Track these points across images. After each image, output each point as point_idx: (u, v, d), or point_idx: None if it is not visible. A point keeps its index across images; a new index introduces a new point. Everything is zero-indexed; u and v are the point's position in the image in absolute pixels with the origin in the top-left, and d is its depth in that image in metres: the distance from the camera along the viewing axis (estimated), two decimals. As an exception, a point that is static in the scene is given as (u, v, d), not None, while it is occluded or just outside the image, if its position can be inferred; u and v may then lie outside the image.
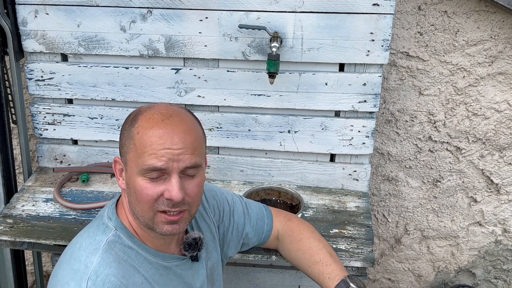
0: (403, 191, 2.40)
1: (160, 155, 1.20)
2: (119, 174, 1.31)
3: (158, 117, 1.24)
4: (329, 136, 2.01)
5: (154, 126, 1.22)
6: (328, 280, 1.46)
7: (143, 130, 1.23)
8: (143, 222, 1.27)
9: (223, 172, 2.13)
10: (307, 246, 1.56)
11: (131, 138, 1.24)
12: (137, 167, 1.22)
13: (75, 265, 1.24)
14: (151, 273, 1.30)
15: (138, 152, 1.22)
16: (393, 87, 2.19)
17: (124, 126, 1.29)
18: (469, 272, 2.54)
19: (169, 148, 1.21)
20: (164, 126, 1.22)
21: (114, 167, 1.32)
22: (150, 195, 1.22)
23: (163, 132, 1.21)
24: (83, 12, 1.92)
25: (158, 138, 1.21)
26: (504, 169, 2.28)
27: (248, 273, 2.11)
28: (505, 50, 2.07)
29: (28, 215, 1.90)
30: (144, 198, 1.23)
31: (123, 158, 1.27)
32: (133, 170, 1.23)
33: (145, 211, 1.25)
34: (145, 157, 1.21)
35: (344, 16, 1.83)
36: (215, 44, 1.91)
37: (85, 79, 2.02)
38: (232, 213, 1.58)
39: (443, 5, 2.03)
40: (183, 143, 1.22)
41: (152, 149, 1.20)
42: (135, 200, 1.25)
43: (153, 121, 1.23)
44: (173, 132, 1.22)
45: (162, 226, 1.26)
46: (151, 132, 1.21)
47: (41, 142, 2.17)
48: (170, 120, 1.23)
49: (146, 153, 1.21)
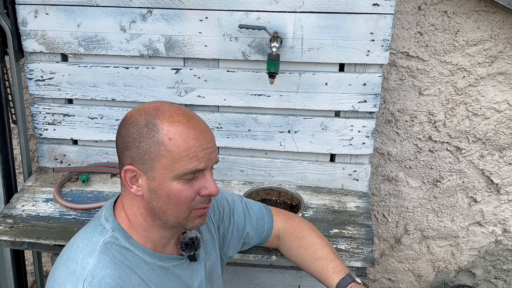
0: (403, 191, 2.40)
1: (201, 156, 1.22)
2: (130, 182, 1.27)
3: (181, 119, 1.23)
4: (329, 136, 2.01)
5: (185, 129, 1.22)
6: (333, 274, 1.47)
7: (175, 135, 1.21)
8: (173, 223, 1.29)
9: (223, 172, 2.13)
10: (309, 243, 1.56)
11: (160, 145, 1.21)
12: (174, 172, 1.22)
13: (72, 266, 1.23)
14: (148, 274, 1.30)
15: (175, 158, 1.21)
16: (393, 87, 2.19)
17: (142, 133, 1.22)
18: (469, 272, 2.54)
19: (206, 148, 1.23)
20: (194, 127, 1.23)
21: (124, 176, 1.27)
22: (189, 196, 1.25)
23: (196, 133, 1.23)
24: (83, 12, 1.92)
25: (195, 140, 1.22)
26: (504, 169, 2.28)
27: (248, 273, 2.11)
28: (505, 50, 2.07)
29: (28, 215, 1.90)
30: (183, 200, 1.25)
31: (144, 165, 1.23)
32: (166, 175, 1.22)
33: (182, 212, 1.27)
34: (185, 161, 1.21)
35: (344, 16, 1.83)
36: (215, 44, 1.91)
37: (85, 79, 2.02)
38: (232, 212, 1.58)
39: (443, 5, 2.03)
40: (213, 140, 1.27)
41: (192, 152, 1.21)
42: (166, 204, 1.25)
43: (179, 124, 1.22)
44: (203, 132, 1.24)
45: (194, 221, 1.30)
46: (185, 135, 1.21)
47: (41, 142, 2.17)
48: (194, 120, 1.25)
49: (187, 157, 1.21)
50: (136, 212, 1.30)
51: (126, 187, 1.28)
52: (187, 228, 1.32)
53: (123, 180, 1.27)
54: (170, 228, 1.31)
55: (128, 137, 1.25)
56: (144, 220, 1.30)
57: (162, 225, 1.30)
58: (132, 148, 1.24)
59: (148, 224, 1.30)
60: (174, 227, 1.31)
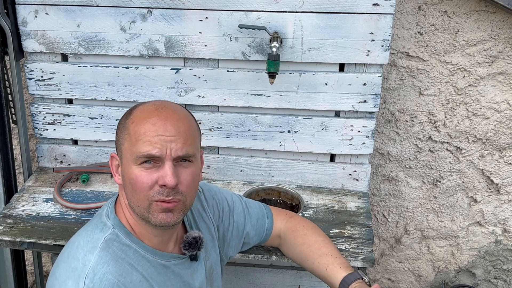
0: (403, 191, 2.40)
1: (154, 141, 1.23)
2: (115, 170, 1.33)
3: (152, 108, 1.28)
4: (329, 136, 2.01)
5: (148, 115, 1.26)
6: (340, 269, 1.47)
7: (137, 120, 1.26)
8: (139, 214, 1.28)
9: (223, 172, 2.13)
10: (313, 240, 1.56)
11: (125, 129, 1.28)
12: (132, 155, 1.25)
13: (73, 263, 1.24)
14: (149, 271, 1.31)
15: (133, 141, 1.24)
16: (393, 87, 2.19)
17: (120, 121, 1.32)
18: (469, 272, 2.54)
19: (162, 135, 1.23)
20: (158, 115, 1.26)
21: (110, 164, 1.34)
22: (145, 183, 1.24)
23: (157, 119, 1.25)
24: (83, 12, 1.92)
25: (151, 125, 1.24)
26: (504, 169, 2.28)
27: (248, 273, 2.11)
28: (505, 50, 2.07)
29: (28, 215, 1.90)
30: (139, 186, 1.24)
31: (119, 152, 1.30)
32: (128, 160, 1.26)
33: (141, 201, 1.25)
34: (140, 145, 1.23)
35: (344, 16, 1.83)
36: (215, 44, 1.91)
37: (85, 79, 2.02)
38: (232, 212, 1.58)
39: (443, 5, 2.03)
40: (176, 130, 1.25)
41: (146, 136, 1.23)
42: (130, 190, 1.27)
43: (147, 111, 1.27)
44: (166, 119, 1.25)
45: (157, 215, 1.26)
46: (145, 121, 1.25)
47: (41, 142, 2.17)
48: (164, 110, 1.27)
49: (141, 141, 1.23)
50: (123, 203, 1.33)
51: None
52: (152, 222, 1.27)
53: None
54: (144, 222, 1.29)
55: (117, 125, 1.33)
56: (130, 213, 1.31)
57: (138, 218, 1.30)
58: (116, 135, 1.31)
59: (133, 217, 1.31)
60: (142, 219, 1.29)
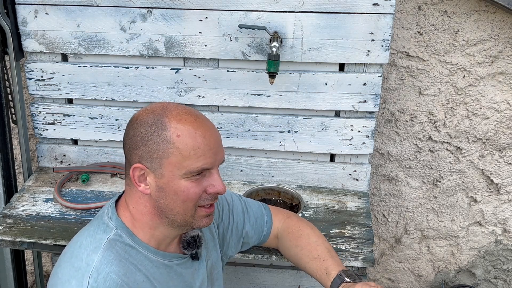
0: (403, 191, 2.40)
1: (208, 156, 1.24)
2: (138, 180, 1.27)
3: (189, 118, 1.25)
4: (329, 136, 2.02)
5: (193, 127, 1.24)
6: (326, 276, 1.47)
7: (183, 133, 1.23)
8: (181, 221, 1.30)
9: (223, 172, 2.13)
10: (305, 242, 1.56)
11: (169, 142, 1.22)
12: (181, 170, 1.23)
13: (76, 263, 1.24)
14: (152, 272, 1.31)
15: (184, 155, 1.22)
16: (393, 87, 2.19)
17: (150, 131, 1.23)
18: (469, 272, 2.54)
19: (212, 148, 1.25)
20: (201, 126, 1.25)
21: (132, 175, 1.27)
22: (197, 193, 1.26)
23: (204, 131, 1.24)
24: (83, 12, 1.92)
25: (202, 138, 1.23)
26: (504, 169, 2.28)
27: (248, 273, 2.11)
28: (505, 50, 2.07)
29: (28, 215, 1.90)
30: (190, 197, 1.26)
31: (153, 163, 1.24)
32: (175, 173, 1.24)
33: (189, 209, 1.28)
34: (193, 160, 1.23)
35: (344, 16, 1.83)
36: (215, 44, 1.91)
37: (85, 79, 2.02)
38: (231, 212, 1.58)
39: (443, 5, 2.03)
40: (219, 140, 1.29)
41: (201, 151, 1.23)
42: (174, 202, 1.26)
43: (188, 122, 1.24)
44: (210, 130, 1.26)
45: (201, 220, 1.31)
46: (193, 133, 1.23)
47: (41, 142, 2.17)
48: (201, 119, 1.27)
49: (195, 155, 1.23)
50: (143, 210, 1.30)
51: (133, 186, 1.29)
52: (194, 227, 1.32)
53: (131, 178, 1.28)
54: (177, 227, 1.32)
55: (136, 136, 1.26)
56: (150, 218, 1.30)
57: (169, 224, 1.31)
58: (141, 147, 1.25)
59: (155, 223, 1.31)
60: (181, 225, 1.31)
